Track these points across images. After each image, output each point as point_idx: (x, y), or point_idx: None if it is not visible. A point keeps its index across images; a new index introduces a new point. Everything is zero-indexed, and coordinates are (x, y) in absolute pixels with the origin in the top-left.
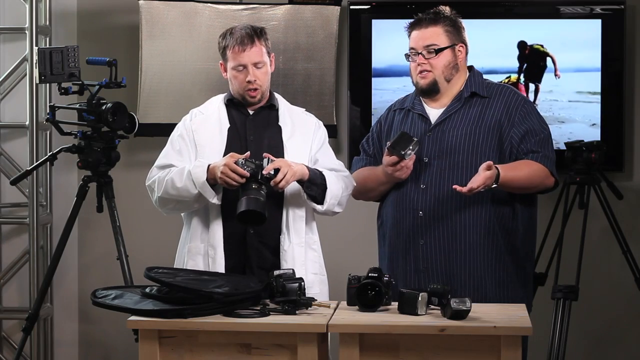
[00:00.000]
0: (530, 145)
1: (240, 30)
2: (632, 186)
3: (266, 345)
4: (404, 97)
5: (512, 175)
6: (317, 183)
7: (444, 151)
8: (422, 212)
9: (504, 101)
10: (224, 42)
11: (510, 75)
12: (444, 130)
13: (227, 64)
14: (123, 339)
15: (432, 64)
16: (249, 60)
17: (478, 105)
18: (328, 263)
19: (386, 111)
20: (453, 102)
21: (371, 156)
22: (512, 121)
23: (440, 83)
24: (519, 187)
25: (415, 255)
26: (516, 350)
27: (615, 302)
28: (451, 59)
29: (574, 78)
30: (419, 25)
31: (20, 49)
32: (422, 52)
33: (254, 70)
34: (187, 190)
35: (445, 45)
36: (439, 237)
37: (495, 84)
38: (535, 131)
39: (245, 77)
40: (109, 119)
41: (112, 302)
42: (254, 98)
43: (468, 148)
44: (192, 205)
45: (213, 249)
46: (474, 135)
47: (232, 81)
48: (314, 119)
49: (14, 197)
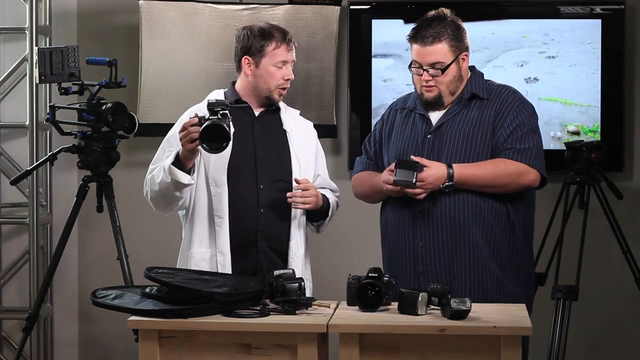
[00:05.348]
0: (509, 142)
1: (281, 29)
2: (632, 186)
3: (266, 345)
4: (407, 96)
5: (470, 173)
6: (322, 211)
7: (442, 154)
8: (421, 214)
9: (500, 102)
10: (263, 40)
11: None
12: (443, 133)
13: (261, 60)
14: (123, 339)
15: (438, 81)
16: (291, 58)
17: (477, 108)
18: (327, 263)
19: (388, 109)
20: (453, 104)
21: (372, 159)
22: (503, 121)
23: (445, 96)
24: (484, 185)
25: (415, 257)
26: (516, 350)
27: (615, 302)
28: (456, 72)
29: (574, 78)
30: (423, 42)
31: (20, 49)
32: (427, 69)
33: (290, 70)
34: (164, 182)
35: (451, 60)
36: (438, 239)
37: (496, 85)
38: (520, 126)
39: (283, 74)
40: (109, 119)
41: (112, 302)
42: (281, 97)
43: (466, 150)
44: (175, 195)
45: (222, 255)
46: (471, 137)
47: (264, 77)
48: (310, 124)
49: (14, 197)
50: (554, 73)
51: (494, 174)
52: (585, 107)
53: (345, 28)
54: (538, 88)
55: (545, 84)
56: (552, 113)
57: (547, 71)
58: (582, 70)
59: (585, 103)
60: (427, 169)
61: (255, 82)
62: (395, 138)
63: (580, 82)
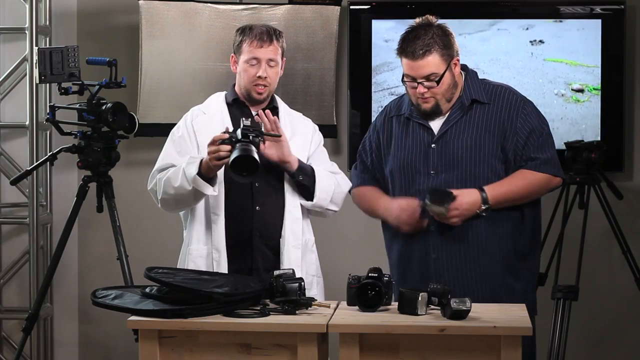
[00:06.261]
0: (530, 151)
1: (260, 27)
2: (632, 186)
3: (266, 345)
4: (399, 100)
5: (504, 192)
6: (307, 173)
7: (450, 164)
8: (432, 226)
9: (504, 105)
10: (241, 36)
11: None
12: (448, 142)
13: (239, 57)
14: (123, 339)
15: (434, 92)
16: (264, 56)
17: (479, 113)
18: (328, 263)
19: (382, 116)
20: (454, 110)
21: (369, 171)
22: (514, 127)
23: (443, 105)
24: (518, 200)
25: (427, 268)
26: (516, 350)
27: (615, 302)
28: (450, 80)
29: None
30: (413, 56)
31: (20, 49)
32: (421, 81)
33: (267, 68)
34: (183, 188)
35: (444, 69)
36: (450, 251)
37: (492, 86)
38: (536, 132)
39: (257, 71)
40: (109, 119)
41: (112, 302)
42: (261, 95)
43: (475, 159)
44: (192, 202)
45: (217, 252)
46: (479, 145)
47: (241, 75)
48: (311, 123)
49: (14, 197)
50: (560, 36)
51: (526, 188)
52: (592, 68)
53: (345, 28)
54: (543, 50)
55: (551, 45)
56: (556, 72)
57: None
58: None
59: (591, 64)
60: (460, 196)
61: (239, 80)
62: (396, 148)
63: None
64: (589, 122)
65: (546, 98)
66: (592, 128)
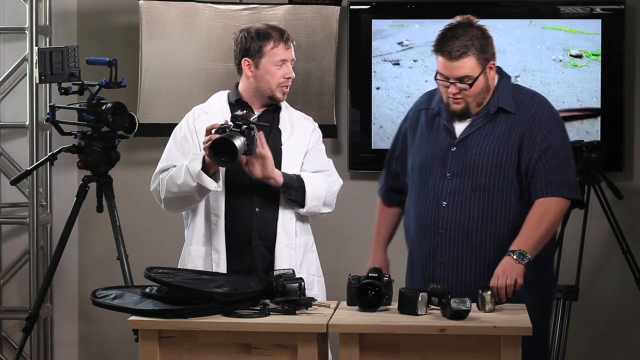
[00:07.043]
0: (542, 168)
1: (277, 29)
2: (632, 186)
3: (266, 345)
4: (431, 93)
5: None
6: (294, 187)
7: (466, 170)
8: (442, 230)
9: (530, 117)
10: (261, 40)
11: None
12: (468, 147)
13: (260, 61)
14: (123, 339)
15: (466, 94)
16: (290, 57)
17: (504, 123)
18: (327, 263)
19: (414, 107)
20: (479, 116)
21: (393, 172)
22: (533, 140)
23: (472, 108)
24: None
25: (434, 273)
26: (516, 350)
27: (615, 302)
28: (484, 84)
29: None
30: (450, 56)
31: (20, 49)
32: (454, 82)
33: (291, 68)
34: (187, 185)
35: (479, 72)
36: (459, 256)
37: (523, 95)
38: (553, 150)
39: (284, 72)
40: (109, 119)
41: (112, 302)
42: (285, 95)
43: (492, 169)
44: (196, 199)
45: (217, 253)
46: (498, 155)
47: (265, 77)
48: (311, 122)
49: (14, 197)
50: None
51: (550, 224)
52: (592, 35)
53: (345, 28)
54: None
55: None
56: (555, 40)
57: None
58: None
59: (591, 31)
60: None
61: (257, 83)
62: (420, 143)
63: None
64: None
65: (543, 63)
66: (589, 91)
